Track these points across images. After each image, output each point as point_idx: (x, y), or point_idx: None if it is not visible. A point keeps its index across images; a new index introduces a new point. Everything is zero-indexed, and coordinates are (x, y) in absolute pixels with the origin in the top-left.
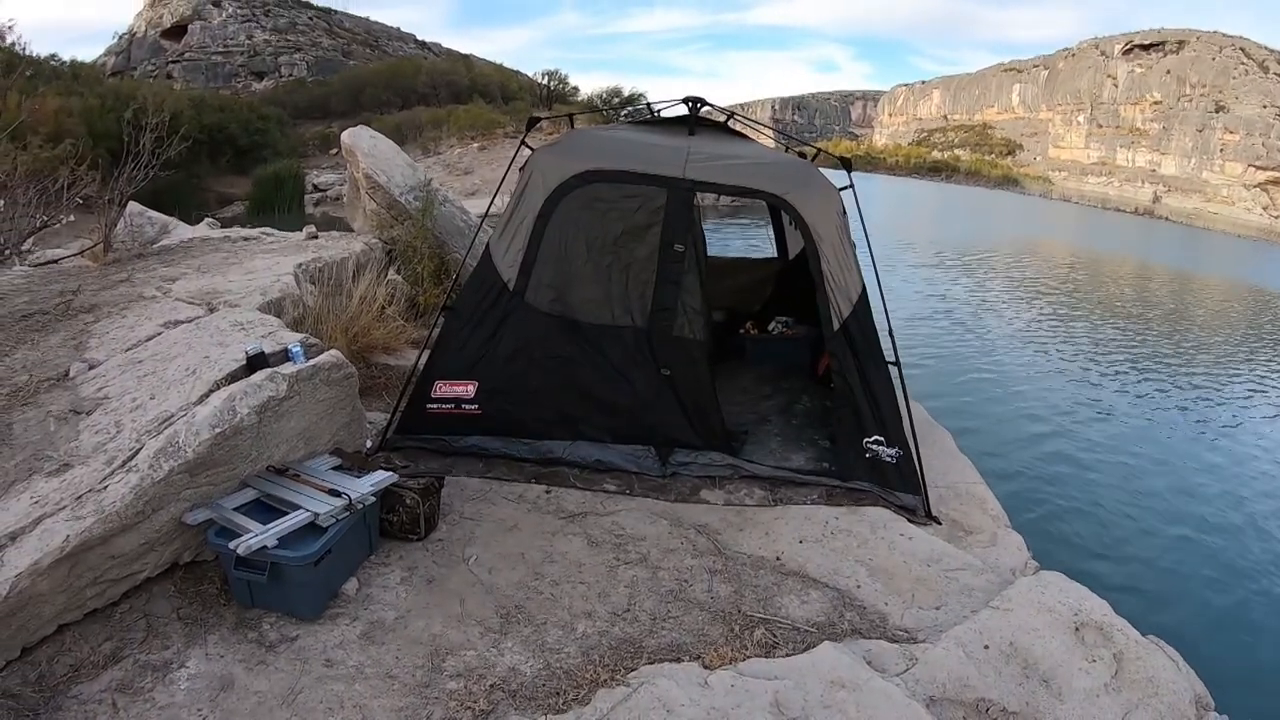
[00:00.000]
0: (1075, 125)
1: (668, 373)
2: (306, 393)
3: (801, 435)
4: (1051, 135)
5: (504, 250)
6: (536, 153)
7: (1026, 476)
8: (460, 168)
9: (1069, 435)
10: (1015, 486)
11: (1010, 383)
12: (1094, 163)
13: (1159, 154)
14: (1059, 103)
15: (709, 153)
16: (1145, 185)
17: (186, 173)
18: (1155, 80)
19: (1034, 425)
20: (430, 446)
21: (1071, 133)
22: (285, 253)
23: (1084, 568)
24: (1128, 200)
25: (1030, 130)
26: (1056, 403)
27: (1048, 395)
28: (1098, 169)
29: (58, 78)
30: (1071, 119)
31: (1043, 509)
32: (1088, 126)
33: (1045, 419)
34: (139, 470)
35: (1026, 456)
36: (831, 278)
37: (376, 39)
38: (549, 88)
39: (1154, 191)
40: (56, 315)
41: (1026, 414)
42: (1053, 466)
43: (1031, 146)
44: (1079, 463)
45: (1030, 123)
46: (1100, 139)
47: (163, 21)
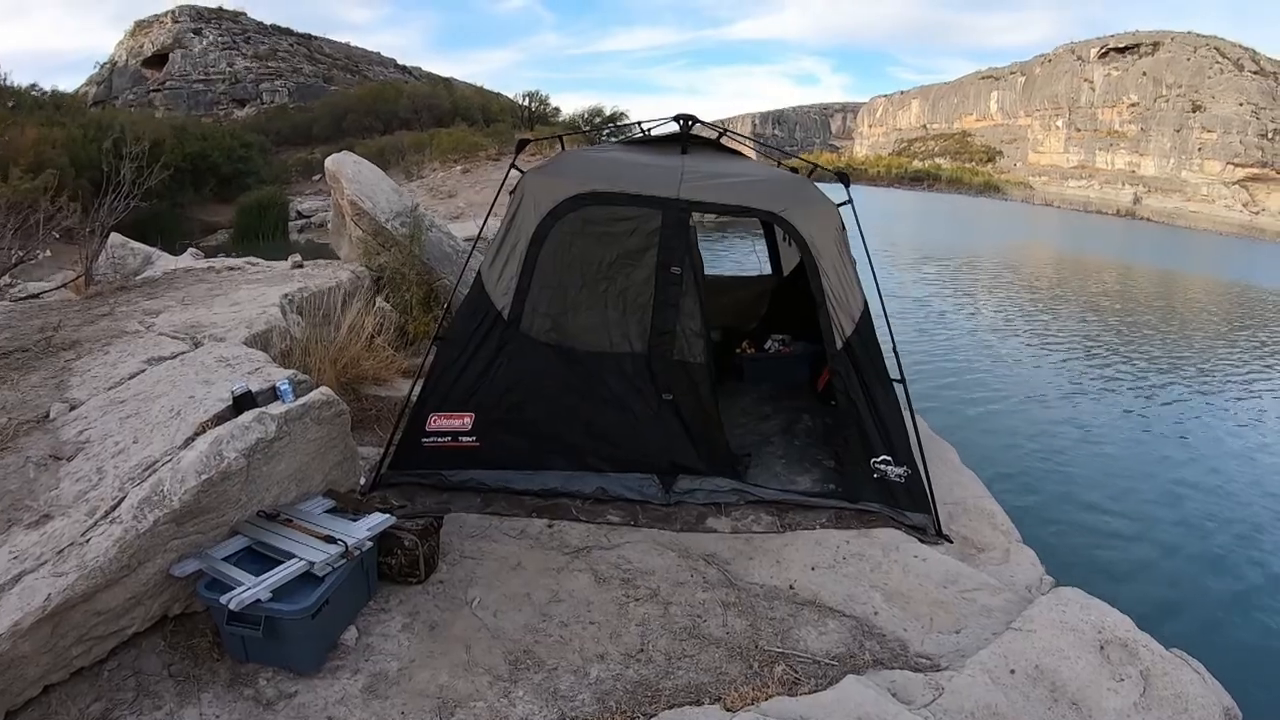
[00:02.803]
0: (1054, 130)
1: (669, 397)
2: (297, 433)
3: (805, 455)
4: (1031, 141)
5: (496, 277)
6: (527, 175)
7: (1031, 487)
8: (444, 191)
9: (1071, 443)
10: (1022, 499)
11: (1008, 392)
12: (1074, 166)
13: (1138, 155)
14: (1037, 108)
15: (703, 171)
16: (1125, 187)
17: (170, 202)
18: (1132, 82)
19: (1034, 435)
20: (426, 482)
21: (1050, 137)
22: (271, 283)
23: (1098, 580)
24: (1109, 202)
25: (1009, 137)
26: (1056, 410)
27: (1046, 403)
28: (1078, 173)
29: (39, 108)
30: (1050, 124)
31: (1051, 521)
32: (1066, 131)
33: (1045, 428)
34: (122, 522)
35: (1030, 467)
36: (833, 295)
37: (357, 64)
38: (530, 109)
39: (1134, 193)
40: (37, 352)
41: (1026, 423)
42: (1056, 475)
43: (1011, 153)
44: (1082, 470)
45: (1009, 129)
46: (1079, 143)
47: (144, 50)
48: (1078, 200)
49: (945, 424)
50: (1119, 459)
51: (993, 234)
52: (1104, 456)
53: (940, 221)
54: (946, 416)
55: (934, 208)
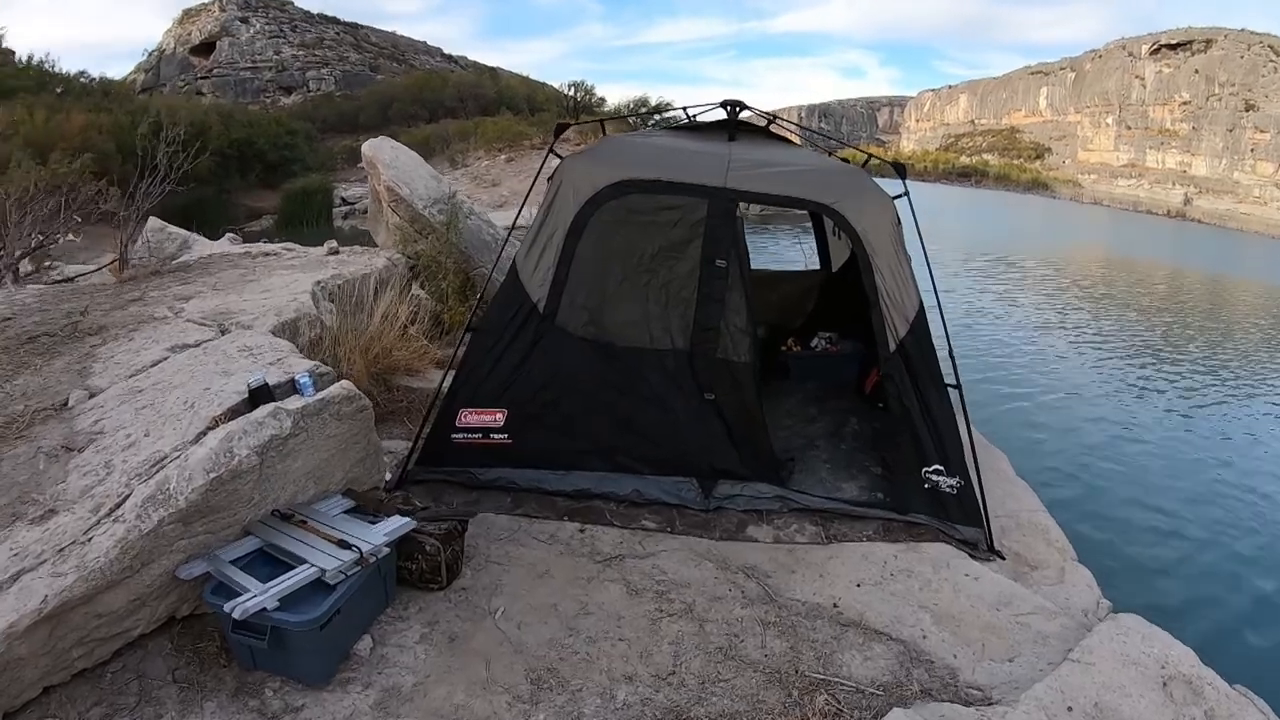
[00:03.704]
0: (1104, 127)
1: (711, 397)
2: (315, 429)
3: (852, 461)
4: (1080, 138)
5: (532, 268)
6: (565, 161)
7: (1086, 500)
8: (488, 179)
9: (1128, 453)
10: (1075, 512)
11: (1061, 395)
12: (1123, 165)
13: (1189, 155)
14: (1087, 105)
15: (751, 159)
16: (1176, 187)
17: (216, 187)
18: (1184, 80)
19: (1090, 444)
20: (455, 479)
21: (1100, 135)
22: (305, 269)
23: (1157, 604)
24: (1159, 203)
25: (1058, 133)
26: (1112, 418)
27: (1101, 410)
28: (1127, 171)
29: (87, 94)
30: (1100, 121)
31: (1107, 537)
32: (1116, 128)
33: (1101, 436)
34: (125, 521)
35: (1076, 470)
36: (887, 294)
37: (403, 53)
38: (575, 99)
39: (1185, 193)
40: (63, 337)
41: (1081, 430)
42: (1113, 488)
43: (1060, 150)
44: (1141, 483)
45: (1058, 126)
46: (1129, 141)
47: (191, 38)
48: (1127, 200)
49: (984, 417)
50: (1168, 464)
51: (1039, 232)
52: (1152, 460)
53: (987, 218)
54: (987, 411)
55: (981, 204)
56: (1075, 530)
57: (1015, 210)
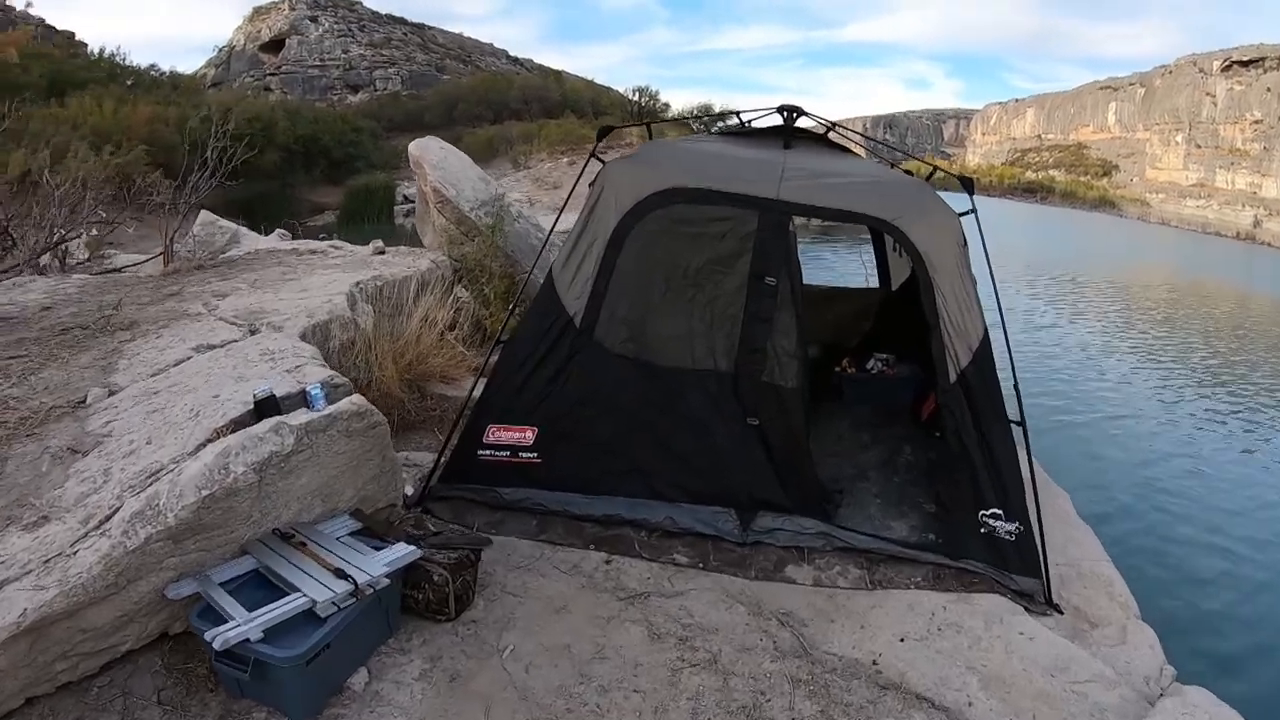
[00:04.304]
0: (1173, 145)
1: (755, 423)
2: (321, 446)
3: (904, 496)
4: (1148, 155)
5: (570, 279)
6: (608, 166)
7: (1145, 536)
8: (549, 182)
9: (1188, 488)
10: (1139, 561)
11: (1120, 421)
12: (1192, 185)
13: (1260, 176)
14: (1156, 122)
15: (807, 169)
16: (1246, 209)
17: (281, 182)
18: (1255, 98)
19: (1149, 475)
20: (479, 498)
21: (1169, 153)
22: (347, 269)
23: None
24: (1228, 224)
25: (1127, 150)
26: (1173, 449)
27: (1163, 439)
28: (1196, 191)
29: (156, 87)
30: (1169, 139)
31: (1174, 592)
32: (1186, 147)
33: (1162, 468)
34: (111, 536)
35: (1143, 512)
36: (949, 320)
37: (470, 54)
38: (640, 104)
39: (1255, 215)
40: (95, 330)
41: (1140, 460)
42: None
43: (1128, 167)
44: (1202, 521)
45: (1126, 143)
46: (1199, 160)
47: (261, 35)
48: (1195, 220)
49: (1042, 446)
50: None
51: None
52: (1214, 494)
53: (1052, 236)
54: (1046, 439)
55: (1046, 221)
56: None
57: (1081, 228)
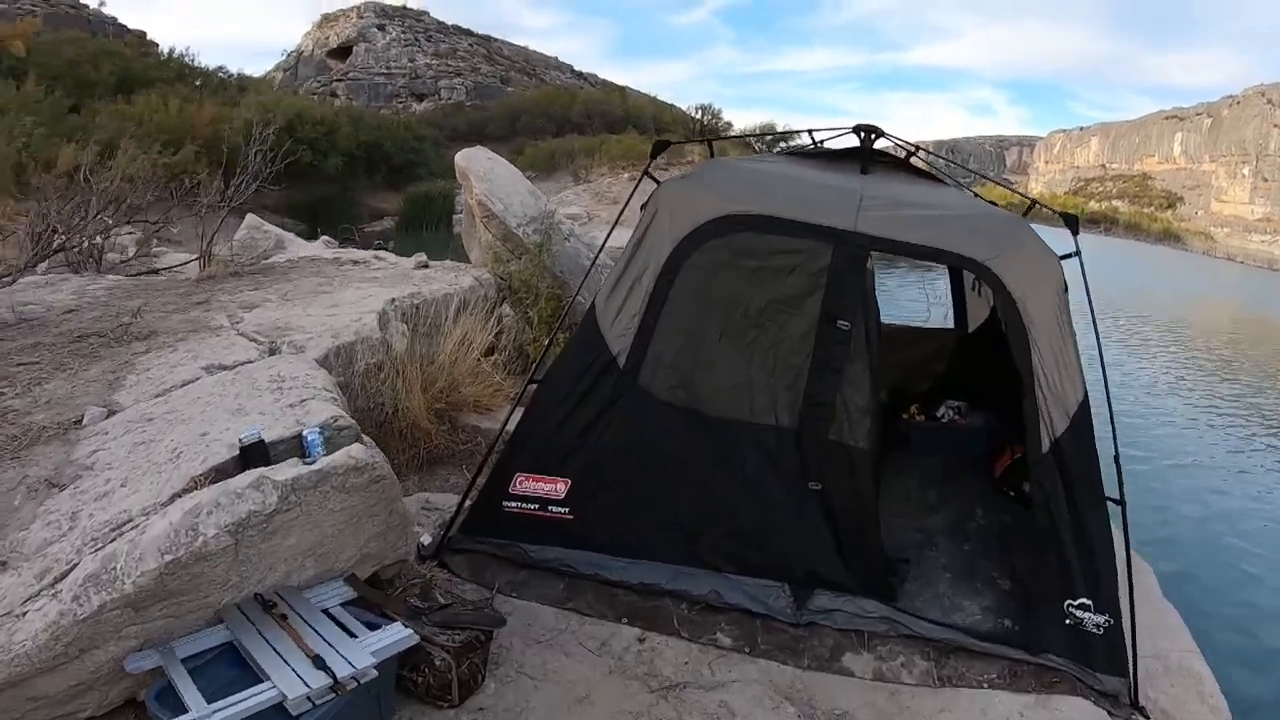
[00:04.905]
0: (1239, 178)
1: (818, 487)
2: (312, 503)
3: (976, 569)
4: (1214, 188)
5: (614, 313)
6: (663, 186)
7: (1230, 617)
8: (609, 197)
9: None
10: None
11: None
12: (1259, 219)
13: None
14: (1222, 153)
15: (888, 198)
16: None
17: (342, 186)
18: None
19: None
20: (502, 554)
21: (1235, 186)
22: (385, 283)
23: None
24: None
25: (1192, 182)
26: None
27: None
28: (1262, 226)
29: (224, 89)
30: (1235, 171)
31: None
32: (1252, 180)
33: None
34: (62, 600)
35: (1226, 584)
36: (1045, 379)
37: (534, 67)
38: (702, 121)
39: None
40: (111, 339)
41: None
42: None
43: (1193, 200)
44: None
45: (1192, 174)
46: (1265, 194)
47: (329, 42)
48: (1262, 257)
49: None
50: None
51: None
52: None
53: (1115, 269)
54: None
55: (1110, 253)
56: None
57: (1145, 262)
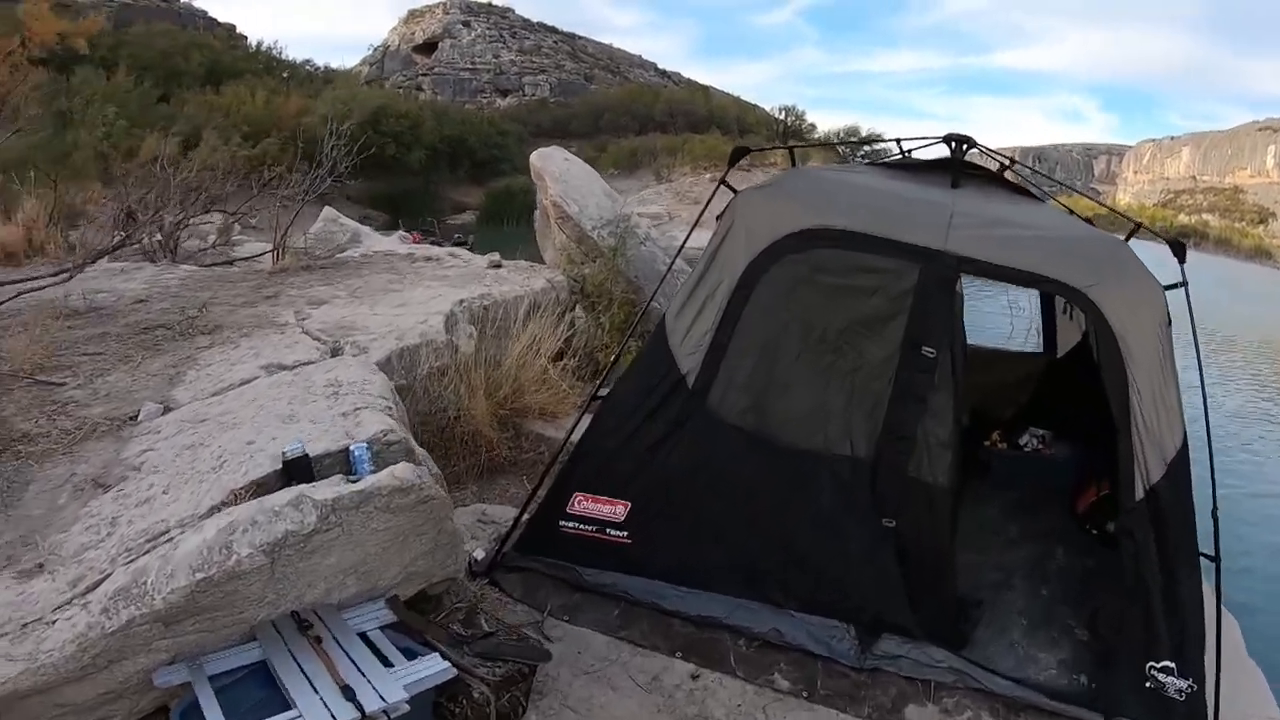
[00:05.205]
0: None
1: (891, 525)
2: (354, 523)
3: (1053, 617)
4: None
5: (684, 329)
6: (741, 195)
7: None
8: (690, 197)
9: None
10: None
11: None
12: None
13: None
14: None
15: (980, 216)
16: None
17: (425, 179)
18: None
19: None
20: (557, 575)
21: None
22: (456, 282)
23: None
24: None
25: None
26: None
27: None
28: None
29: (310, 81)
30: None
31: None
32: None
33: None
34: (91, 611)
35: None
36: (1142, 421)
37: (618, 65)
38: (785, 123)
39: None
40: (177, 332)
41: None
42: None
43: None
44: None
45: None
46: None
47: (415, 37)
48: None
49: None
50: None
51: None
52: None
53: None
54: None
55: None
56: None
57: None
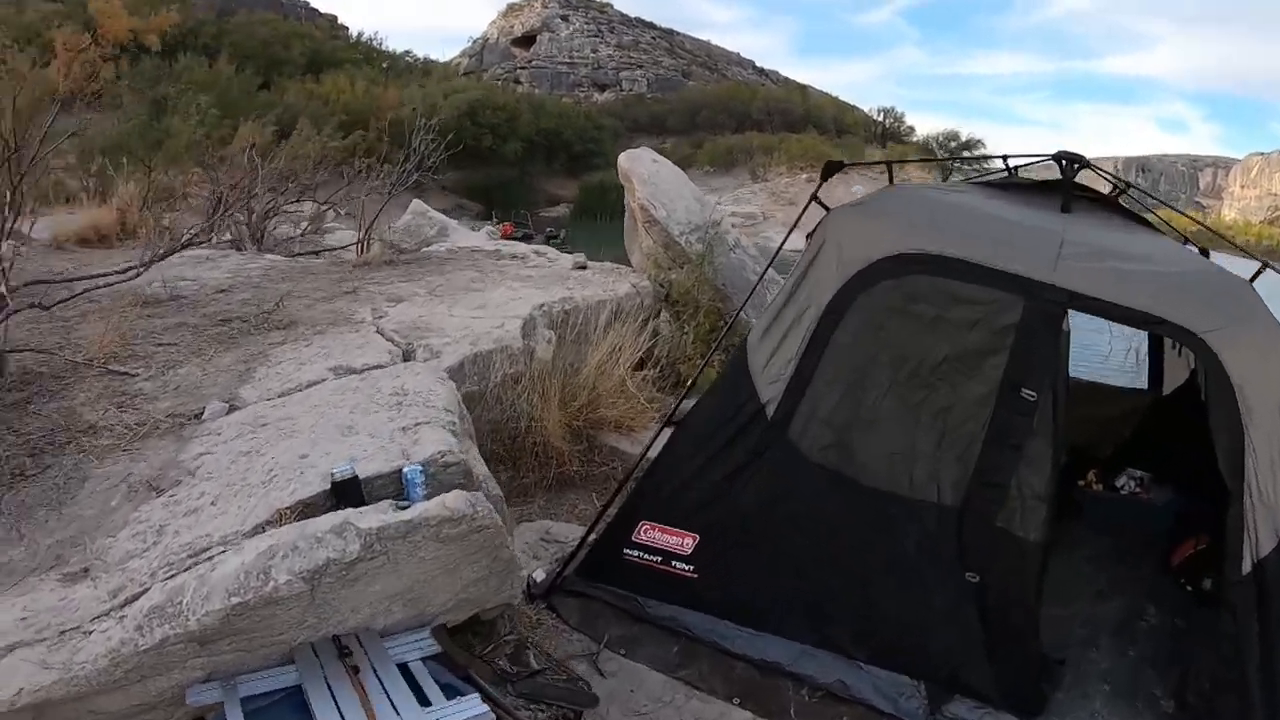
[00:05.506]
0: None
1: (975, 579)
2: (400, 553)
3: (1140, 684)
4: None
5: (767, 356)
6: (832, 214)
7: None
8: (785, 197)
9: None
10: None
11: None
12: None
13: None
14: None
15: (1093, 245)
16: None
17: (520, 170)
18: None
19: None
20: (617, 603)
21: None
22: (539, 283)
23: None
24: None
25: None
26: None
27: None
28: None
29: (409, 72)
30: None
31: None
32: None
33: None
34: (126, 626)
35: None
36: (1257, 485)
37: (716, 62)
38: (884, 125)
39: None
40: (252, 326)
41: None
42: None
43: None
44: None
45: None
46: None
47: (513, 30)
48: None
49: None
50: None
51: None
52: None
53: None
54: None
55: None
56: None
57: None
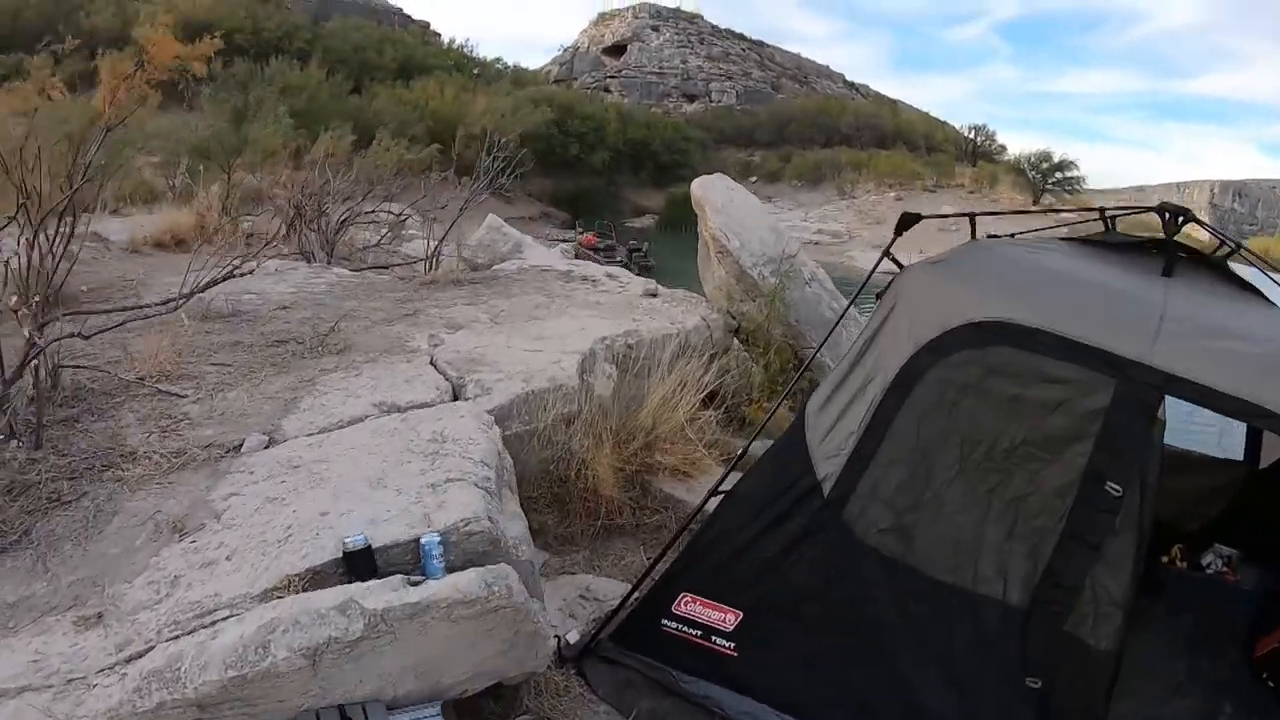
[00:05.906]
0: None
1: (1036, 685)
2: (408, 632)
3: None
4: None
5: (827, 427)
6: (906, 273)
7: None
8: (872, 216)
9: None
10: None
11: None
12: None
13: None
14: None
15: (1196, 320)
16: None
17: (607, 180)
18: None
19: None
20: (650, 675)
21: None
22: (606, 311)
23: None
24: None
25: None
26: None
27: None
28: None
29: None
30: None
31: None
32: None
33: None
34: (126, 685)
35: None
36: None
37: (806, 75)
38: (974, 142)
39: None
40: (307, 348)
41: None
42: None
43: None
44: None
45: None
46: None
47: (604, 39)
48: None
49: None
50: None
51: None
52: None
53: None
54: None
55: None
56: None
57: None
